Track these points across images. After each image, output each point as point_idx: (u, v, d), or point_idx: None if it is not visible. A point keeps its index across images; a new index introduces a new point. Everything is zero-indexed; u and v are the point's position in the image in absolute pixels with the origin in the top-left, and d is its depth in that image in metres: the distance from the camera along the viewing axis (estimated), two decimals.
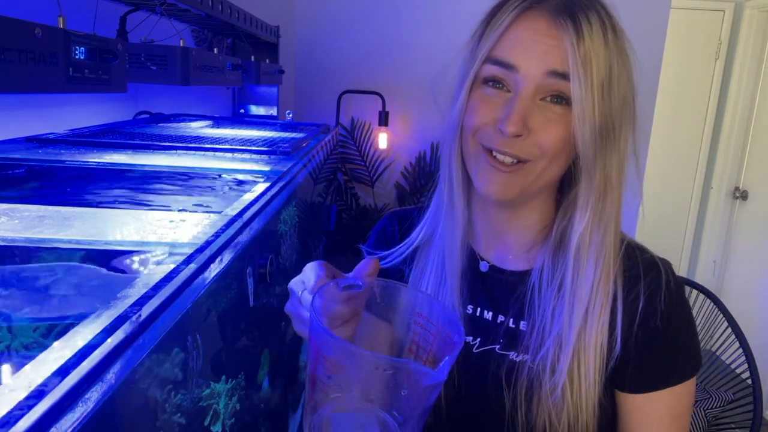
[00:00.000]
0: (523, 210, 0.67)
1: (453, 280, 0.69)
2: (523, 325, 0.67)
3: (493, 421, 0.67)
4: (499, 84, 0.60)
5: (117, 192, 0.91)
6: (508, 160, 0.60)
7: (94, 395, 0.33)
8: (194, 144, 1.09)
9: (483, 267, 0.71)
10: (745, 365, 1.41)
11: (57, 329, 0.49)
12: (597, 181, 0.60)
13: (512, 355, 0.67)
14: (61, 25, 0.62)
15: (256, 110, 2.11)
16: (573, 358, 0.62)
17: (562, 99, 0.58)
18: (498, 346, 0.68)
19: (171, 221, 0.62)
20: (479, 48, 0.61)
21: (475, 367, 0.68)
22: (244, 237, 0.64)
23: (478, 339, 0.69)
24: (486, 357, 0.68)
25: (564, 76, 0.57)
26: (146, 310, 0.40)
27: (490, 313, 0.69)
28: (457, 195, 0.67)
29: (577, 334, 0.62)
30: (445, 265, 0.69)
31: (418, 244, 0.73)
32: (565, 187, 0.67)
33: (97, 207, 0.77)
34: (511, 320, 0.68)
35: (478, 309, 0.70)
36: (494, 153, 0.60)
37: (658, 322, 0.63)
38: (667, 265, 0.66)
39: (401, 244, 0.74)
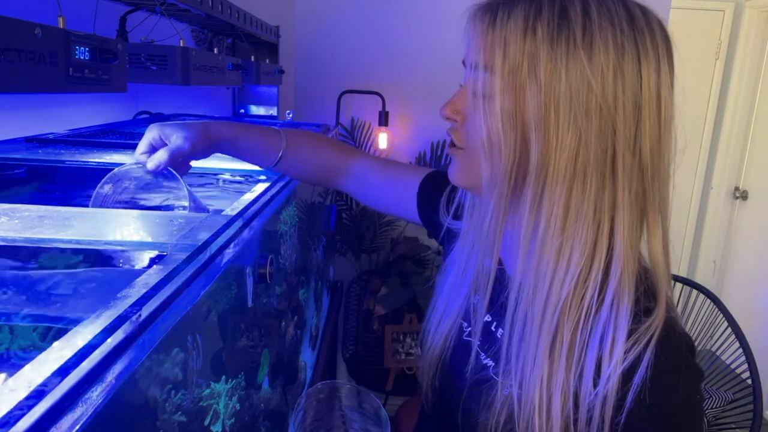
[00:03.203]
0: (514, 213, 0.65)
1: (469, 273, 0.70)
2: (500, 333, 0.65)
3: (453, 403, 0.69)
4: None
5: None
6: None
7: (94, 395, 0.33)
8: None
9: (488, 265, 0.71)
10: (745, 365, 1.41)
11: (57, 329, 0.49)
12: (492, 176, 0.56)
13: (482, 356, 0.67)
14: (61, 25, 0.62)
15: (256, 110, 2.11)
16: (534, 381, 0.56)
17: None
18: (478, 343, 0.69)
19: (171, 221, 0.62)
20: None
21: (461, 349, 0.71)
22: (244, 237, 0.64)
23: (469, 328, 0.71)
24: (468, 346, 0.70)
25: (476, 67, 0.56)
26: (146, 310, 0.39)
27: (483, 310, 0.70)
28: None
29: (543, 358, 0.56)
30: (467, 260, 0.71)
31: (449, 228, 0.78)
32: None
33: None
34: (495, 324, 0.67)
35: (480, 302, 0.71)
36: None
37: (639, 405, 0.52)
38: (675, 347, 0.53)
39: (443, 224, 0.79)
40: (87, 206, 0.70)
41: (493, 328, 0.68)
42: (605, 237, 0.54)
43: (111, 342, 0.35)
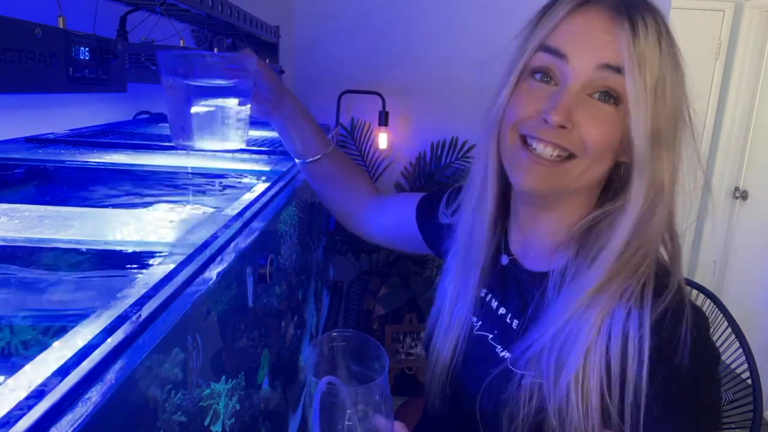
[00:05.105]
0: (552, 212, 0.66)
1: (475, 271, 0.71)
2: (516, 324, 0.67)
3: (468, 399, 0.69)
4: (547, 77, 0.59)
5: (117, 192, 0.91)
6: (548, 153, 0.58)
7: (94, 395, 0.33)
8: None
9: (503, 260, 0.72)
10: (745, 365, 1.41)
11: (57, 329, 0.49)
12: (646, 189, 0.57)
13: (498, 348, 0.68)
14: (61, 25, 0.62)
15: None
16: (559, 371, 0.58)
17: (611, 98, 0.57)
18: (491, 336, 0.69)
19: (171, 221, 0.62)
20: (532, 37, 0.60)
21: (471, 345, 0.71)
22: (244, 237, 0.64)
23: (480, 322, 0.72)
24: (480, 341, 0.71)
25: (617, 70, 0.55)
26: (146, 310, 0.39)
27: (496, 303, 0.71)
28: (490, 192, 0.68)
29: (569, 348, 0.58)
30: (470, 257, 0.72)
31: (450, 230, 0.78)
32: (605, 196, 0.65)
33: (97, 207, 0.77)
34: (510, 315, 0.68)
35: (489, 295, 0.72)
36: (535, 145, 0.59)
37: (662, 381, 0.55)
38: (695, 317, 0.57)
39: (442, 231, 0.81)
40: (86, 206, 0.70)
41: (508, 320, 0.68)
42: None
43: (111, 342, 0.35)
